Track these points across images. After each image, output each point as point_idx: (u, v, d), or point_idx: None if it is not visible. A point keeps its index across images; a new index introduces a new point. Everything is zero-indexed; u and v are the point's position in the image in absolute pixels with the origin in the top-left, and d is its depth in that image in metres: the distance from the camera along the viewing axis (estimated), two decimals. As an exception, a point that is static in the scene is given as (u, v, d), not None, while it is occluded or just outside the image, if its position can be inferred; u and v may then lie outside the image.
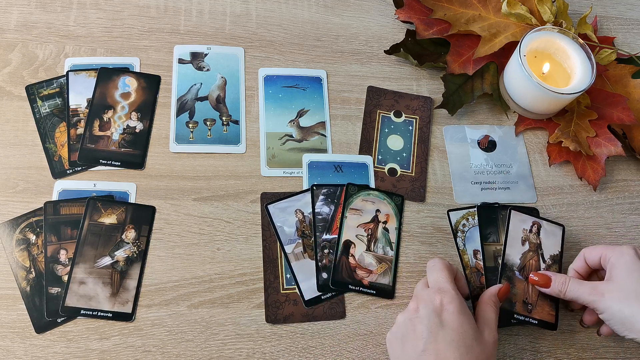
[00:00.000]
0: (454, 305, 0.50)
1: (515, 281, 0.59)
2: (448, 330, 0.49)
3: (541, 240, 0.61)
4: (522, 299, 0.58)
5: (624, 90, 0.73)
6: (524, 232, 0.61)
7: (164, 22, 0.73)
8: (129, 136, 0.65)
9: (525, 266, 0.60)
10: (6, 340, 0.55)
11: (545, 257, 0.60)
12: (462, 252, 0.60)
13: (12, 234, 0.59)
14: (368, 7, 0.79)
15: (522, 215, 0.61)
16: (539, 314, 0.59)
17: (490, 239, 0.60)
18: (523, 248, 0.60)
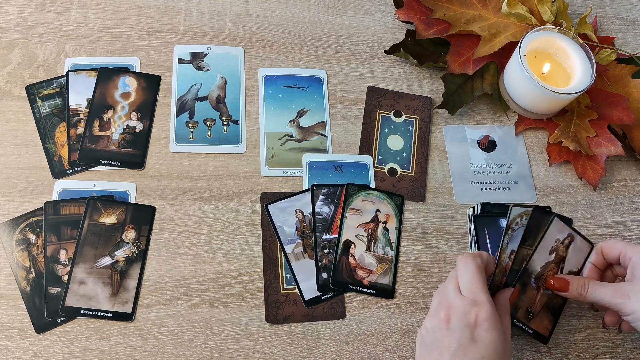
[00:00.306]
0: (489, 323, 0.49)
1: (528, 288, 0.57)
2: (480, 346, 0.48)
3: (568, 254, 0.59)
4: (527, 307, 0.57)
5: (624, 90, 0.73)
6: (556, 242, 0.58)
7: (164, 22, 0.73)
8: (129, 136, 0.65)
9: (542, 276, 0.58)
10: (6, 340, 0.55)
11: (564, 271, 0.58)
12: (502, 250, 0.57)
13: (12, 234, 0.59)
14: (368, 7, 0.79)
15: (562, 225, 0.59)
16: (536, 325, 0.58)
17: (527, 242, 0.58)
18: (549, 257, 0.58)
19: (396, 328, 0.60)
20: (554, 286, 0.56)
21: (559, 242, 0.58)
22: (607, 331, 0.63)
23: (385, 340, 0.60)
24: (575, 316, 0.63)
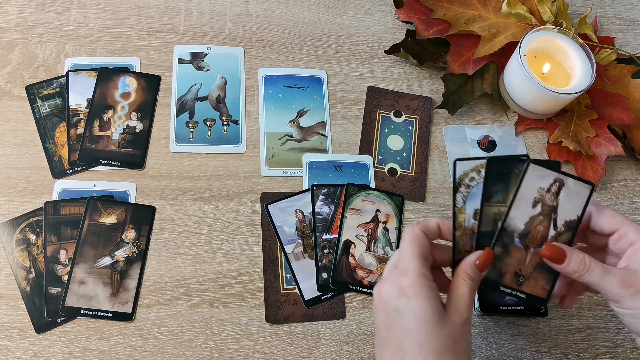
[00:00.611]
0: (412, 288, 0.44)
1: (512, 249, 0.49)
2: (407, 318, 0.43)
3: (559, 202, 0.49)
4: (515, 270, 0.49)
5: (624, 90, 0.73)
6: (539, 191, 0.49)
7: (164, 22, 0.73)
8: (129, 136, 0.65)
9: (529, 233, 0.49)
10: (6, 340, 0.55)
11: (559, 223, 0.49)
12: (458, 211, 0.49)
13: (12, 234, 0.59)
14: (368, 7, 0.79)
15: (543, 170, 0.49)
16: (529, 288, 0.49)
17: (494, 199, 0.49)
18: (533, 211, 0.49)
19: (396, 328, 0.60)
20: (547, 255, 0.47)
21: (543, 190, 0.49)
22: (607, 331, 0.63)
23: (385, 340, 0.60)
24: (575, 316, 0.63)
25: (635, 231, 0.45)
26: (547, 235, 0.49)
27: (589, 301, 0.64)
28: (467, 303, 0.45)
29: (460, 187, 0.50)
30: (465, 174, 0.50)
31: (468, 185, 0.50)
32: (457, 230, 0.49)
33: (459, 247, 0.49)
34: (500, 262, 0.49)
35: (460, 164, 0.50)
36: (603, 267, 0.45)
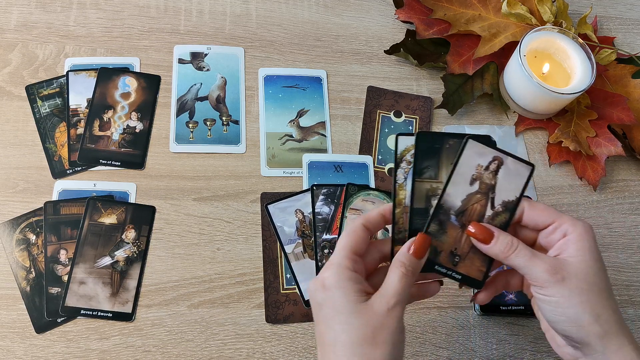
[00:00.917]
0: (330, 280, 0.43)
1: (448, 227, 0.47)
2: (325, 310, 0.42)
3: (497, 181, 0.47)
4: (451, 249, 0.47)
5: (624, 90, 0.73)
6: (477, 168, 0.47)
7: (164, 22, 0.73)
8: (129, 136, 0.65)
9: (466, 211, 0.47)
10: (6, 340, 0.55)
11: (496, 203, 0.47)
12: (399, 187, 0.47)
13: (12, 234, 0.59)
14: (368, 7, 0.79)
15: (482, 147, 0.47)
16: (465, 269, 0.47)
17: (425, 175, 0.47)
18: (470, 188, 0.47)
19: (396, 328, 0.60)
20: (474, 234, 0.45)
21: (481, 168, 0.47)
22: (607, 331, 0.63)
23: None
24: (575, 316, 0.63)
25: (571, 222, 0.45)
26: (484, 213, 0.47)
27: (589, 301, 0.64)
28: (397, 291, 0.43)
29: (402, 163, 0.48)
30: (406, 149, 0.48)
31: (410, 161, 0.48)
32: (397, 208, 0.47)
33: (398, 225, 0.47)
34: (436, 240, 0.47)
35: (402, 139, 0.48)
36: (531, 250, 0.44)
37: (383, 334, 0.41)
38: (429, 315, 0.61)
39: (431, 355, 0.60)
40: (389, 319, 0.42)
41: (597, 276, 0.43)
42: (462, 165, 0.47)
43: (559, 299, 0.43)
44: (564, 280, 0.43)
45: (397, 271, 0.44)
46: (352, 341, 0.40)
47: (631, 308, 0.64)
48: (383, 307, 0.42)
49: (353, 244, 0.45)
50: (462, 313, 0.62)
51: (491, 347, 0.61)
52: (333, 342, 0.41)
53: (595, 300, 0.43)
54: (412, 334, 0.60)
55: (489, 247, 0.45)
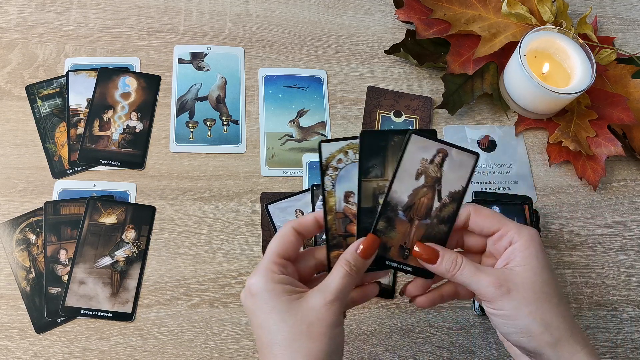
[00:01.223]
0: (256, 286, 0.42)
1: (397, 223, 0.47)
2: (257, 315, 0.42)
3: (443, 173, 0.47)
4: (400, 243, 0.47)
5: (624, 90, 0.73)
6: (422, 162, 0.47)
7: (164, 22, 0.73)
8: (129, 136, 0.65)
9: (413, 205, 0.47)
10: (6, 340, 0.55)
11: (443, 194, 0.47)
12: (328, 194, 0.48)
13: (12, 234, 0.59)
14: (368, 7, 0.79)
15: (425, 141, 0.47)
16: (415, 261, 0.47)
17: (372, 174, 0.47)
18: (416, 183, 0.47)
19: (396, 328, 0.60)
20: (420, 255, 0.45)
21: (425, 162, 0.47)
22: (607, 331, 0.63)
23: (385, 340, 0.60)
24: (575, 316, 0.63)
25: (516, 230, 0.44)
26: (431, 206, 0.47)
27: (588, 301, 0.64)
28: (337, 287, 0.42)
29: (328, 170, 0.48)
30: (331, 155, 0.48)
31: (336, 167, 0.48)
32: (329, 215, 0.47)
33: (331, 232, 0.47)
34: (385, 236, 0.47)
35: (325, 145, 0.47)
36: (475, 266, 0.44)
37: (319, 328, 0.40)
38: (429, 315, 0.61)
39: (431, 355, 0.60)
40: (325, 313, 0.41)
41: (545, 284, 0.43)
42: (406, 161, 0.46)
43: (507, 311, 0.42)
44: (510, 292, 0.42)
45: (340, 269, 0.43)
46: (288, 338, 0.40)
47: (631, 308, 0.64)
48: (319, 301, 0.41)
49: (280, 248, 0.44)
50: (462, 313, 0.62)
51: (491, 347, 0.61)
52: (270, 343, 0.41)
53: (544, 309, 0.42)
54: (412, 334, 0.60)
55: (435, 267, 0.45)
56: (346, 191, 0.48)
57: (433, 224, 0.47)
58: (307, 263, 0.47)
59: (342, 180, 0.48)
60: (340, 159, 0.48)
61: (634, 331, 0.63)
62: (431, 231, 0.47)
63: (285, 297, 0.42)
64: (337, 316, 0.42)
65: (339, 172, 0.48)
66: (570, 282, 0.65)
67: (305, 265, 0.47)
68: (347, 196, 0.48)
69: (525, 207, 0.65)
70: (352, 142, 0.48)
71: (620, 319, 0.64)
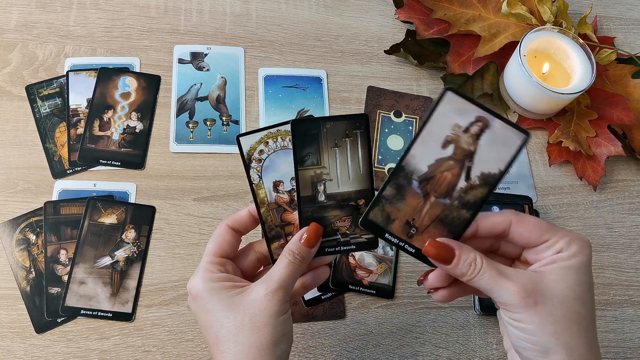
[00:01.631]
0: (196, 288, 0.42)
1: (408, 194, 0.40)
2: (202, 315, 0.42)
3: (478, 148, 0.39)
4: (407, 219, 0.41)
5: (624, 90, 0.73)
6: (454, 129, 0.39)
7: (164, 22, 0.73)
8: (129, 136, 0.65)
9: (432, 178, 0.40)
10: (6, 340, 0.55)
11: (473, 173, 0.39)
12: (257, 187, 0.46)
13: (12, 234, 0.59)
14: (368, 7, 0.79)
15: (464, 102, 0.38)
16: (421, 243, 0.41)
17: (307, 162, 0.45)
18: (442, 152, 0.39)
19: (396, 328, 0.60)
20: (431, 253, 0.39)
21: (459, 129, 0.39)
22: (607, 331, 0.63)
23: (385, 340, 0.60)
24: (575, 316, 0.63)
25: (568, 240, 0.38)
26: (455, 184, 0.40)
27: (589, 301, 0.64)
28: (280, 277, 0.42)
29: (252, 163, 0.46)
30: (252, 148, 0.46)
31: (259, 159, 0.46)
32: (261, 207, 0.46)
33: (268, 224, 0.46)
34: (391, 205, 0.40)
35: (244, 139, 0.46)
36: (497, 269, 0.38)
37: (262, 318, 0.40)
38: (429, 315, 0.61)
39: (431, 355, 0.60)
40: (267, 303, 0.40)
41: (578, 301, 0.37)
42: (435, 122, 0.38)
43: (529, 325, 0.37)
44: (537, 305, 0.36)
45: (284, 259, 0.42)
46: (232, 332, 0.40)
47: (631, 308, 0.64)
48: (261, 292, 0.41)
49: (216, 247, 0.45)
50: (462, 313, 0.62)
51: (491, 347, 0.61)
52: (216, 341, 0.41)
53: (572, 332, 0.37)
54: (412, 334, 0.60)
55: (450, 267, 0.39)
56: (274, 181, 0.47)
57: (452, 206, 0.40)
58: (249, 258, 0.47)
59: (267, 171, 0.47)
60: (262, 150, 0.47)
61: (634, 331, 0.63)
62: (448, 214, 0.40)
63: (225, 293, 0.41)
64: (281, 305, 0.41)
65: (263, 162, 0.46)
66: (570, 282, 0.65)
67: (247, 260, 0.47)
68: (276, 185, 0.47)
69: (525, 207, 0.65)
70: (270, 132, 0.46)
71: (620, 319, 0.64)
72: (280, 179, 0.47)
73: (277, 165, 0.47)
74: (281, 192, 0.47)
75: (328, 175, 0.45)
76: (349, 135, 0.44)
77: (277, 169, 0.47)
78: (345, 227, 0.45)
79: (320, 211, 0.45)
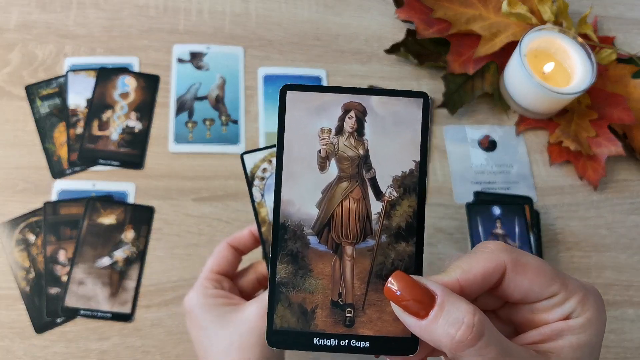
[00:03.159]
0: (189, 303, 0.43)
1: (311, 260, 0.29)
2: (193, 331, 0.43)
3: (368, 146, 0.28)
4: (331, 298, 0.28)
5: (624, 90, 0.73)
6: (323, 136, 0.28)
7: (163, 22, 0.72)
8: (128, 136, 0.65)
9: (332, 219, 0.28)
10: (6, 340, 0.55)
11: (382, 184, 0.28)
12: (259, 205, 0.45)
13: (12, 234, 0.59)
14: (368, 6, 0.78)
15: (311, 95, 0.28)
16: (371, 326, 0.28)
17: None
18: (324, 176, 0.28)
19: (396, 328, 0.60)
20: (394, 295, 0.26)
21: (328, 132, 0.28)
22: (608, 331, 0.62)
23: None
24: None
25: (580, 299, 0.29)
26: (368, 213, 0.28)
27: (589, 301, 0.64)
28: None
29: (254, 181, 0.44)
30: (255, 166, 0.44)
31: (262, 177, 0.44)
32: (262, 226, 0.45)
33: (269, 243, 0.44)
34: (298, 291, 0.28)
35: (247, 157, 0.43)
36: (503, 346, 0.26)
37: (251, 338, 0.40)
38: (429, 315, 0.61)
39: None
40: (258, 322, 0.40)
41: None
42: (291, 140, 0.27)
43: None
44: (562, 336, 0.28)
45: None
46: (220, 351, 0.40)
47: (631, 308, 0.64)
48: (253, 311, 0.40)
49: (215, 264, 0.45)
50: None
51: (491, 348, 0.61)
52: (205, 356, 0.41)
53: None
54: (412, 335, 0.60)
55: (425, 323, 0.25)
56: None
57: (382, 246, 0.28)
58: (248, 278, 0.47)
59: (270, 189, 0.43)
60: (265, 168, 0.45)
61: (634, 331, 0.63)
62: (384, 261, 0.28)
63: (218, 310, 0.42)
64: None
65: (266, 181, 0.44)
66: (570, 283, 0.65)
67: (246, 280, 0.47)
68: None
69: (525, 207, 0.65)
70: (274, 150, 0.42)
71: (620, 319, 0.64)
72: None
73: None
74: None
75: None
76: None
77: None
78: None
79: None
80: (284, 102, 0.28)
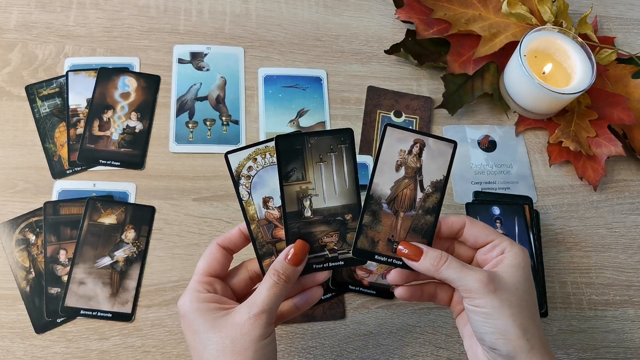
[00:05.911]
0: (184, 307, 0.44)
1: (382, 216, 0.47)
2: (188, 334, 0.43)
3: (423, 163, 0.48)
4: (388, 237, 0.47)
5: (624, 90, 0.73)
6: (400, 154, 0.48)
7: (163, 22, 0.72)
8: (129, 136, 0.65)
9: (396, 197, 0.47)
10: (6, 340, 0.55)
11: (425, 184, 0.48)
12: (246, 204, 0.47)
13: (12, 234, 0.59)
14: (368, 6, 0.79)
15: (401, 132, 0.48)
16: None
17: (292, 177, 0.47)
18: (397, 175, 0.48)
19: (396, 328, 0.60)
20: (403, 253, 0.46)
21: (404, 153, 0.48)
22: (608, 331, 0.63)
23: (385, 341, 0.60)
24: (576, 316, 0.63)
25: (509, 242, 0.46)
26: (415, 197, 0.48)
27: (589, 302, 0.64)
28: (263, 299, 0.43)
29: (240, 180, 0.47)
30: (240, 164, 0.47)
31: (248, 175, 0.48)
32: (252, 224, 0.47)
33: (259, 241, 0.47)
34: (372, 230, 0.47)
35: (232, 156, 0.47)
36: (462, 263, 0.45)
37: (243, 343, 0.41)
38: (429, 315, 0.61)
39: (431, 355, 0.59)
40: (249, 327, 0.41)
41: (526, 293, 0.44)
42: (385, 153, 0.48)
43: (490, 309, 0.43)
44: (496, 291, 0.43)
45: (268, 279, 0.43)
46: (213, 355, 0.41)
47: (631, 308, 0.64)
48: (244, 316, 0.42)
49: (206, 266, 0.45)
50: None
51: (491, 348, 0.61)
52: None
53: (524, 315, 0.43)
54: (412, 334, 0.60)
55: (418, 263, 0.45)
56: (264, 197, 0.48)
57: (419, 215, 0.47)
58: (241, 277, 0.47)
59: (257, 187, 0.48)
60: (251, 167, 0.48)
61: (634, 331, 0.63)
62: (417, 222, 0.47)
63: (210, 315, 0.42)
64: (264, 329, 0.42)
65: (252, 179, 0.48)
66: (570, 283, 0.65)
67: (239, 279, 0.47)
68: (266, 202, 0.48)
69: (525, 207, 0.65)
70: (258, 148, 0.48)
71: (620, 319, 0.64)
72: (270, 194, 0.48)
73: (266, 181, 0.47)
74: (271, 208, 0.48)
75: (314, 190, 0.47)
76: (333, 150, 0.48)
77: (266, 185, 0.48)
78: (333, 242, 0.47)
79: (307, 227, 0.47)
80: (385, 132, 0.47)
